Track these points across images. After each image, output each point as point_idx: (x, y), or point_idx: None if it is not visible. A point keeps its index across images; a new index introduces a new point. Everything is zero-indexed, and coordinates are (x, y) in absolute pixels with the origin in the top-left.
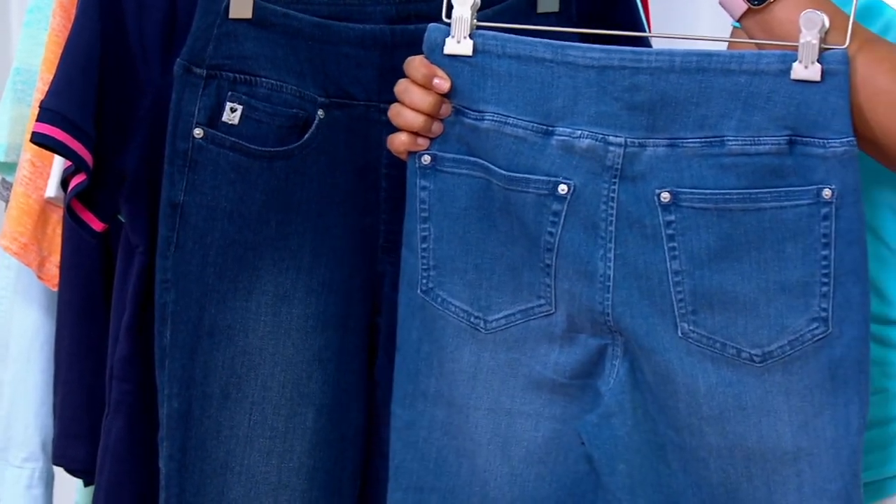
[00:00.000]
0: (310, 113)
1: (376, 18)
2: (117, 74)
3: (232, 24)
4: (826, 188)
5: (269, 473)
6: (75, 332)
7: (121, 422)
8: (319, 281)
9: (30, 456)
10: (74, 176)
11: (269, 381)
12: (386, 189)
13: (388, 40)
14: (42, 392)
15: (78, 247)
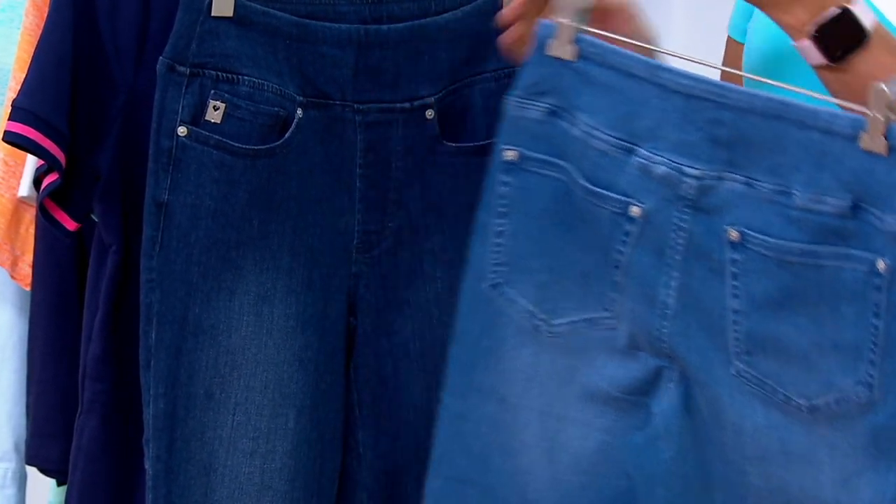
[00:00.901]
0: (290, 112)
1: (350, 18)
2: (90, 73)
3: (214, 21)
4: (881, 260)
5: (252, 474)
6: (49, 331)
7: (94, 421)
8: (299, 281)
9: (3, 456)
10: (47, 175)
11: (252, 381)
12: (360, 189)
13: (362, 40)
14: (15, 392)
15: (51, 246)
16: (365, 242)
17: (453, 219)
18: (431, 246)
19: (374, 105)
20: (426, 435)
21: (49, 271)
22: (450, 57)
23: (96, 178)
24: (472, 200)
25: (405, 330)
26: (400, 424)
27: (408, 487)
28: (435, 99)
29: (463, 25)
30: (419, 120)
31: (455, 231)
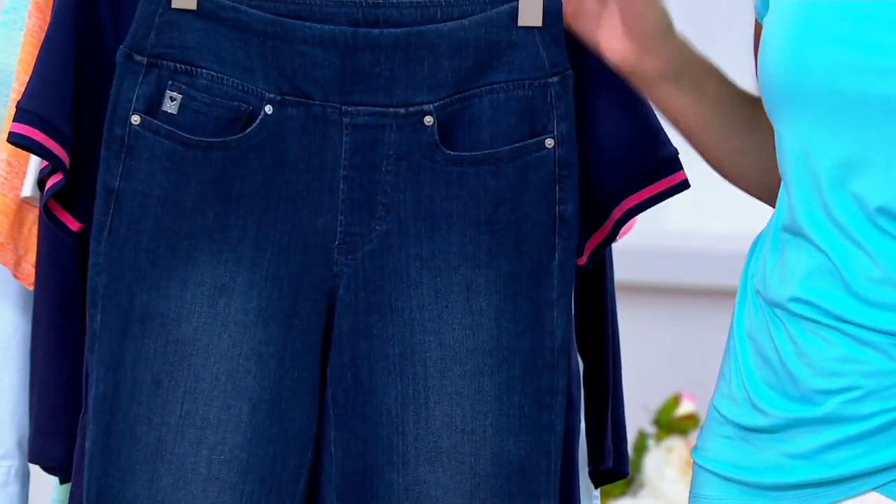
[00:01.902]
0: (254, 107)
1: (339, 19)
2: (94, 75)
3: (175, 13)
4: None
5: (198, 464)
6: (52, 331)
7: None
8: (262, 276)
9: (6, 454)
10: (51, 176)
11: (201, 371)
12: (344, 190)
13: (349, 42)
14: (18, 391)
15: (54, 246)
16: (348, 243)
17: (445, 227)
18: (419, 252)
19: (364, 108)
20: (398, 440)
21: (52, 271)
22: (454, 65)
23: None
24: (467, 209)
25: (385, 333)
26: (371, 427)
27: (377, 490)
28: (435, 106)
29: (470, 35)
30: (415, 126)
31: (447, 239)
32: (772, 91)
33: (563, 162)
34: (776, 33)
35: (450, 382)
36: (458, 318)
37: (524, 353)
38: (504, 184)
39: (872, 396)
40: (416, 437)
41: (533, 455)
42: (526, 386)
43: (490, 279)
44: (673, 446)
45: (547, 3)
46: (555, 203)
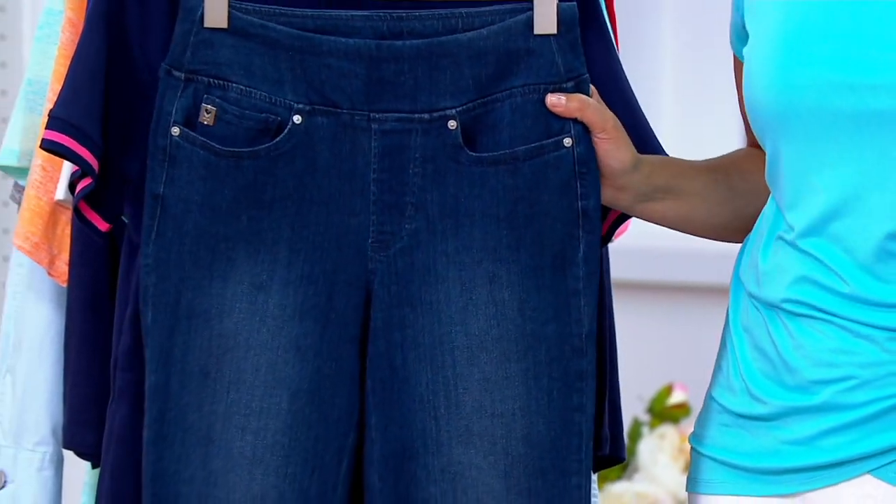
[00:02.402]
0: (283, 118)
1: (365, 33)
2: (121, 85)
3: (208, 32)
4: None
5: (244, 448)
6: (83, 325)
7: (124, 409)
8: (298, 274)
9: (41, 441)
10: (81, 179)
11: (243, 363)
12: (375, 192)
13: (373, 54)
14: (53, 382)
15: (85, 245)
16: (380, 242)
17: (469, 223)
18: (446, 248)
19: (390, 114)
20: (431, 425)
21: (83, 269)
22: (474, 73)
23: (126, 181)
24: (488, 207)
25: (416, 325)
26: (406, 412)
27: (415, 471)
28: (457, 111)
29: (489, 43)
30: (440, 130)
31: (471, 235)
32: (762, 115)
33: (582, 159)
34: (760, 60)
35: (477, 369)
36: (482, 309)
37: (551, 340)
38: (521, 182)
39: (867, 386)
40: (448, 421)
41: (563, 435)
42: (554, 371)
43: (512, 271)
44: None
45: (561, 12)
46: (577, 198)
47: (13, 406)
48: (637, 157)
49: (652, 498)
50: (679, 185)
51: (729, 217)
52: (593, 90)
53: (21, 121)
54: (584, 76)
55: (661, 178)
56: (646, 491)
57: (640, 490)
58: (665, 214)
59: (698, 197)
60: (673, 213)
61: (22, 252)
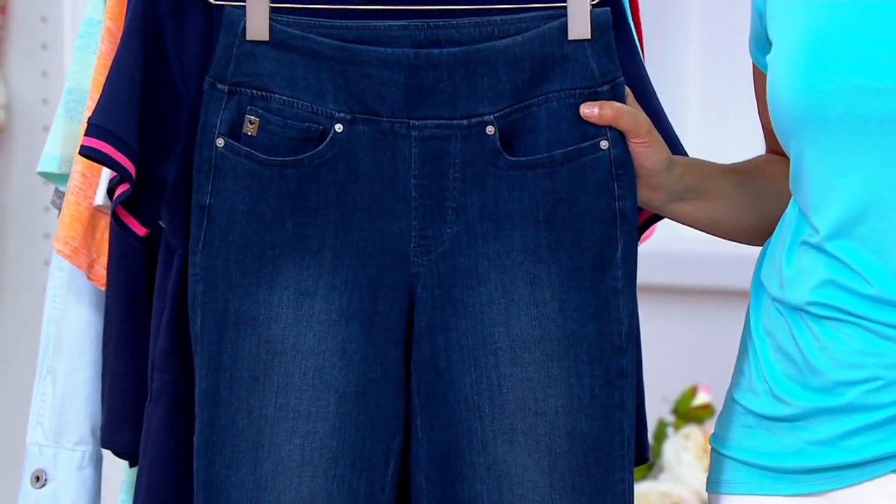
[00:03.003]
0: (325, 127)
1: (403, 42)
2: (158, 93)
3: (250, 45)
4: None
5: (293, 452)
6: (121, 327)
7: (161, 409)
8: (343, 279)
9: (81, 440)
10: (119, 185)
11: (290, 367)
12: (417, 198)
13: (412, 62)
14: (92, 382)
15: (123, 250)
16: (422, 246)
17: (509, 226)
18: (487, 251)
19: (430, 121)
20: (476, 424)
21: (122, 273)
22: (511, 78)
23: (163, 187)
24: (527, 209)
25: (459, 327)
26: (451, 413)
27: (461, 470)
28: (495, 116)
29: (525, 49)
30: (478, 135)
31: (511, 237)
32: (787, 119)
33: (619, 161)
34: (785, 65)
35: (520, 369)
36: (523, 310)
37: (591, 339)
38: (560, 185)
39: (892, 386)
40: (493, 420)
41: (606, 433)
42: (595, 369)
43: (552, 273)
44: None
45: (594, 17)
46: (614, 199)
47: (53, 406)
48: (670, 158)
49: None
50: (709, 187)
51: (755, 220)
52: (628, 93)
53: (61, 128)
54: (619, 79)
55: (693, 179)
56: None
57: (665, 489)
58: (695, 215)
59: (726, 198)
60: (703, 214)
61: (62, 256)
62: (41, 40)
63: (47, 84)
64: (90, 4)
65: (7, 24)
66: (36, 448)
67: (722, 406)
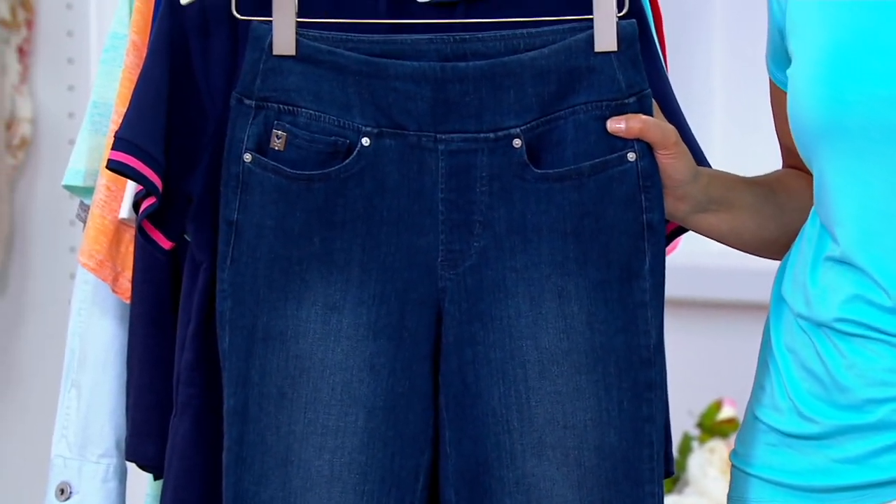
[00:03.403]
0: (352, 141)
1: (430, 56)
2: (184, 106)
3: (277, 60)
4: None
5: (322, 467)
6: (146, 340)
7: (187, 423)
8: (370, 293)
9: (105, 453)
10: (145, 199)
11: (319, 383)
12: (444, 212)
13: (438, 76)
14: (116, 395)
15: (148, 263)
16: (450, 260)
17: (536, 239)
18: (514, 264)
19: (457, 135)
20: (504, 438)
21: (147, 286)
22: (537, 91)
23: (189, 201)
24: (554, 222)
25: (487, 341)
26: (480, 427)
27: (489, 484)
28: (522, 129)
29: (551, 62)
30: (505, 148)
31: (538, 250)
32: (809, 132)
33: (646, 173)
34: (806, 77)
35: (548, 382)
36: (551, 323)
37: (619, 352)
38: (587, 197)
39: None
40: (522, 434)
41: (635, 446)
42: (623, 382)
43: (580, 285)
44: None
45: (620, 29)
46: (642, 212)
47: (78, 419)
48: (696, 168)
49: None
50: (732, 198)
51: (776, 232)
52: (655, 105)
53: (86, 141)
54: (645, 91)
55: (717, 190)
56: None
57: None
58: (719, 227)
59: (749, 210)
60: (726, 226)
61: (87, 269)
62: (67, 54)
63: (73, 98)
64: (115, 18)
65: (33, 38)
66: (61, 461)
67: (742, 422)
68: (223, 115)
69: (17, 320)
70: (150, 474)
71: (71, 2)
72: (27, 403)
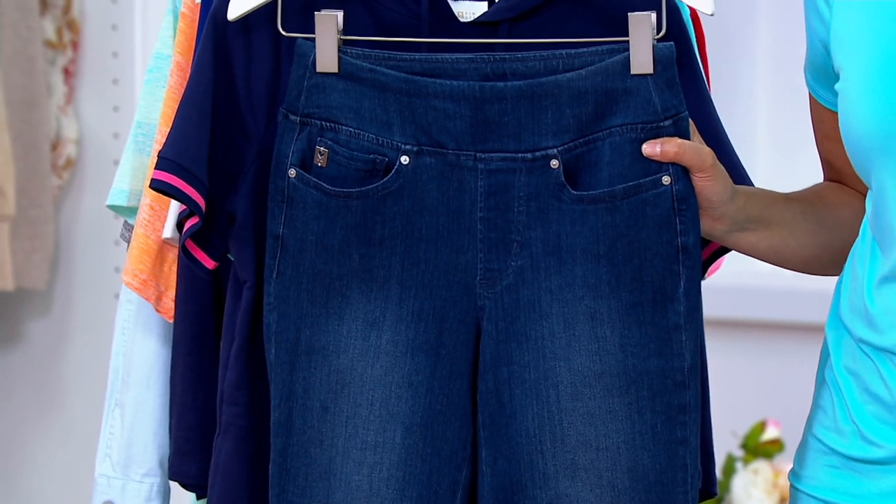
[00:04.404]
0: (391, 158)
1: (470, 75)
2: (227, 127)
3: (320, 77)
4: None
5: (361, 482)
6: (189, 359)
7: (230, 442)
8: (409, 311)
9: (149, 472)
10: (189, 219)
11: (359, 398)
12: (482, 230)
13: (477, 95)
14: (160, 414)
15: (191, 282)
16: (488, 279)
17: (571, 260)
18: (550, 285)
19: (496, 154)
20: (537, 458)
21: (190, 305)
22: (575, 112)
23: (232, 220)
24: (588, 244)
25: (522, 361)
26: (514, 446)
27: None
28: (559, 150)
29: (588, 83)
30: (543, 169)
31: (572, 272)
32: (865, 147)
33: (682, 196)
34: (859, 91)
35: (581, 404)
36: (584, 345)
37: (653, 375)
38: (620, 220)
39: None
40: (554, 455)
41: (669, 469)
42: (657, 405)
43: (612, 308)
44: (759, 469)
45: (657, 51)
46: (677, 235)
47: (122, 438)
48: (734, 188)
49: None
50: (771, 216)
51: (817, 250)
52: (693, 126)
53: (130, 161)
54: (682, 114)
55: (755, 209)
56: None
57: None
58: (757, 245)
59: (788, 227)
60: (765, 244)
61: (130, 289)
62: (112, 75)
63: (118, 119)
64: (159, 39)
65: (79, 59)
66: (104, 480)
67: (800, 442)
68: (266, 135)
69: (61, 340)
70: (193, 493)
71: (116, 23)
72: (71, 422)
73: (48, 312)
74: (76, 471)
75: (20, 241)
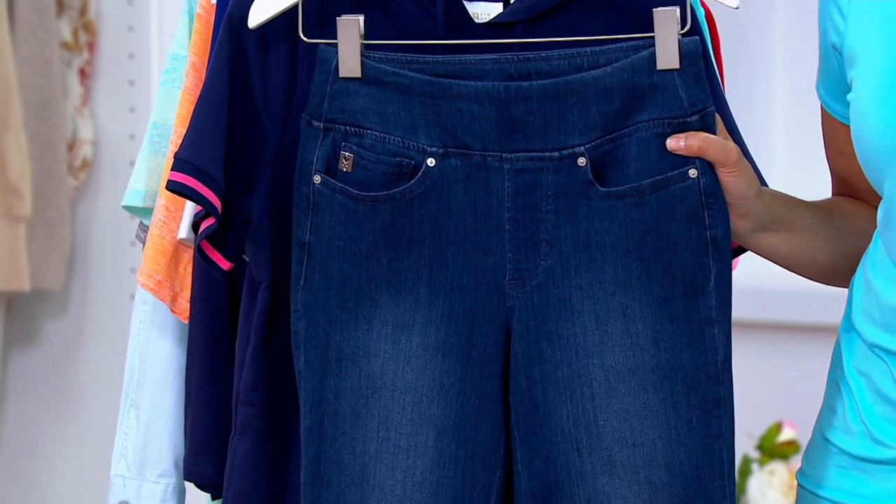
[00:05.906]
0: (417, 161)
1: (494, 75)
2: (243, 128)
3: (343, 82)
4: None
5: (395, 487)
6: (204, 360)
7: (246, 443)
8: (439, 313)
9: (164, 472)
10: (204, 220)
11: (390, 402)
12: (510, 231)
13: (501, 95)
14: (175, 415)
15: (207, 283)
16: (517, 279)
17: (601, 257)
18: (580, 282)
19: (522, 154)
20: (574, 457)
21: (205, 306)
22: (601, 109)
23: (248, 221)
24: (617, 240)
25: (554, 359)
26: (550, 445)
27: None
28: (586, 148)
29: (614, 80)
30: (570, 167)
31: (602, 268)
32: (878, 156)
33: (709, 189)
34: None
35: (616, 401)
36: (617, 342)
37: (687, 370)
38: (649, 214)
39: None
40: (591, 453)
41: (706, 464)
42: (692, 399)
43: (644, 303)
44: (775, 470)
45: (683, 46)
46: (705, 228)
47: (137, 439)
48: (759, 186)
49: None
50: (792, 218)
51: (834, 257)
52: (719, 121)
53: (146, 162)
54: (709, 109)
55: (779, 210)
56: None
57: None
58: (778, 248)
59: (807, 232)
60: (785, 247)
61: (145, 289)
62: (129, 76)
63: (134, 120)
64: (175, 40)
65: (95, 60)
66: (120, 480)
67: (809, 442)
68: (282, 136)
69: (77, 340)
70: (209, 494)
71: (132, 24)
72: (87, 422)
73: (64, 313)
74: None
75: (36, 241)
